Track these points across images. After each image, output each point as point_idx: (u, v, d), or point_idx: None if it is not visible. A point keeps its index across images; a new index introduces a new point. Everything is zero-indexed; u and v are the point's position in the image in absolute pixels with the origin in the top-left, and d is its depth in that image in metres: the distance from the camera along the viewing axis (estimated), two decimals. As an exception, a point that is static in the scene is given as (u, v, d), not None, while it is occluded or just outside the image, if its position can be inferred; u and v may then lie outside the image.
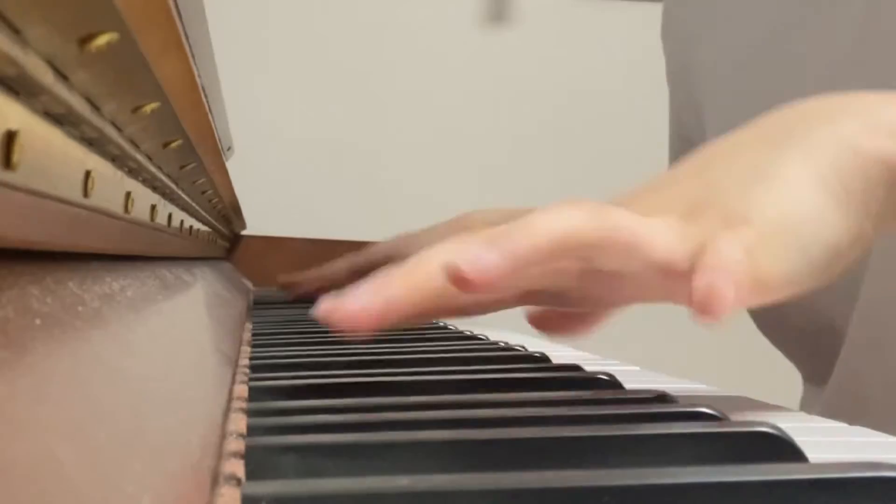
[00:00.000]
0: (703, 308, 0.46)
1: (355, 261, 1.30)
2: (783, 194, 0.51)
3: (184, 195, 0.88)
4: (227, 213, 1.45)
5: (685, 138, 1.11)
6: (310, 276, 1.38)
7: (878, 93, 0.54)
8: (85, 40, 0.36)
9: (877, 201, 0.52)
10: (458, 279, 0.46)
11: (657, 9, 2.54)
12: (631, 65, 2.57)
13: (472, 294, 0.48)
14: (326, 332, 0.90)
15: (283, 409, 0.48)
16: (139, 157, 0.59)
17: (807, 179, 0.51)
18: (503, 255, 0.47)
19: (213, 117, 0.84)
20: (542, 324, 0.59)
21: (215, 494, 0.32)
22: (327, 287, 1.23)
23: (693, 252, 0.49)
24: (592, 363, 0.78)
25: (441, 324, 0.97)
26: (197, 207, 1.03)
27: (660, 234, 0.49)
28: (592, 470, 0.37)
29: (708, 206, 0.51)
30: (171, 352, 0.50)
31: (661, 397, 0.51)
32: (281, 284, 1.43)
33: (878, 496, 0.33)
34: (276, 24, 2.46)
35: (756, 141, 0.55)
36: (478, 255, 0.46)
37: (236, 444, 0.38)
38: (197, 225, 1.10)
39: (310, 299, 1.36)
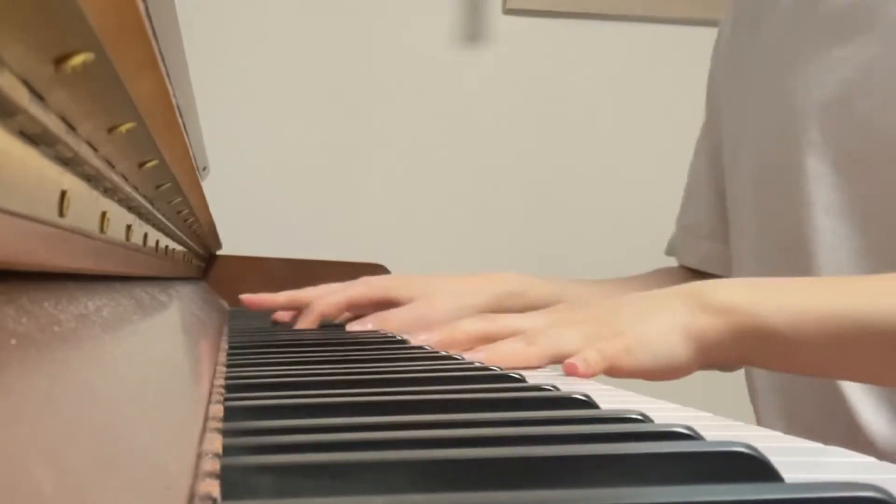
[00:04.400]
0: (568, 372, 0.87)
1: (350, 294, 1.29)
2: (651, 328, 0.92)
3: (159, 215, 0.88)
4: (203, 233, 1.44)
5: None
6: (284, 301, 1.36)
7: (718, 280, 0.96)
8: (60, 60, 0.36)
9: (708, 344, 0.91)
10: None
11: (631, 27, 2.56)
12: (606, 83, 2.58)
13: None
14: (301, 352, 0.90)
15: (259, 428, 0.47)
16: (115, 176, 0.59)
17: (667, 326, 0.92)
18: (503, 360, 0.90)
19: (188, 137, 0.84)
20: None
21: (191, 515, 0.32)
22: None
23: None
24: (568, 383, 0.78)
25: (417, 344, 0.97)
26: (172, 227, 1.03)
27: (568, 344, 0.91)
28: (568, 490, 0.37)
29: (613, 324, 0.93)
30: (146, 372, 0.50)
31: (637, 417, 0.51)
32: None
33: (853, 515, 0.33)
34: (251, 44, 2.46)
35: (651, 301, 0.95)
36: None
37: (212, 464, 0.37)
38: (172, 245, 1.10)
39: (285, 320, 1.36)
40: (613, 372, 0.91)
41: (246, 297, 1.33)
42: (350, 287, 1.29)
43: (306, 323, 1.24)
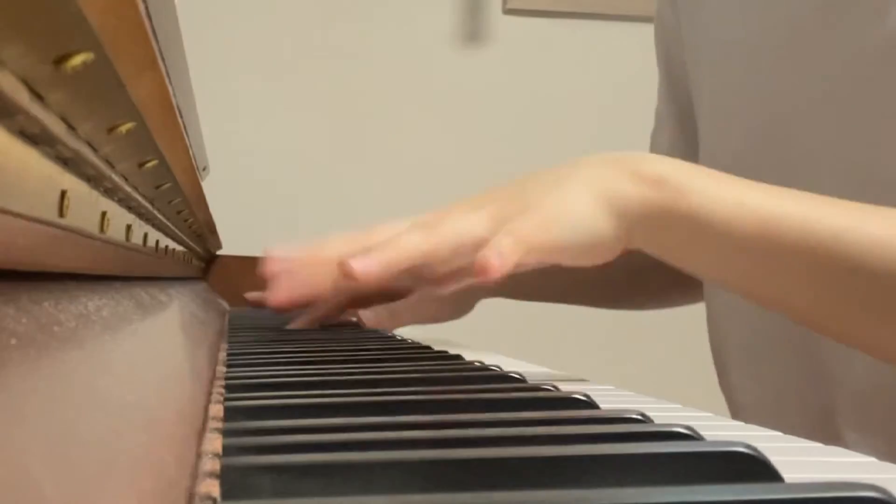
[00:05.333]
0: (479, 272, 0.75)
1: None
2: (565, 198, 0.81)
3: (159, 215, 0.88)
4: (203, 233, 1.44)
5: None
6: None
7: (644, 153, 0.85)
8: (60, 60, 0.36)
9: (632, 218, 0.80)
10: (346, 273, 0.80)
11: (631, 27, 2.56)
12: (606, 83, 2.58)
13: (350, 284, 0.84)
14: (301, 352, 0.90)
15: (259, 428, 0.47)
16: (115, 176, 0.59)
17: (585, 193, 0.80)
18: (381, 262, 0.80)
19: (188, 137, 0.84)
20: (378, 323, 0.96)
21: (191, 515, 0.32)
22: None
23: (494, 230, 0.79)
24: (568, 383, 0.78)
25: (418, 344, 0.97)
26: (172, 227, 1.03)
27: (473, 228, 0.81)
28: (568, 490, 0.37)
29: (519, 199, 0.82)
30: (146, 372, 0.50)
31: (637, 417, 0.51)
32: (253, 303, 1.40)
33: (853, 515, 0.33)
34: (251, 44, 2.46)
35: (563, 169, 0.84)
36: (363, 258, 0.80)
37: (212, 464, 0.37)
38: (172, 245, 1.10)
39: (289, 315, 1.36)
40: (530, 255, 0.79)
41: (251, 297, 1.33)
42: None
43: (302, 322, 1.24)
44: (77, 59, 0.37)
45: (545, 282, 1.07)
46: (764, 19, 1.07)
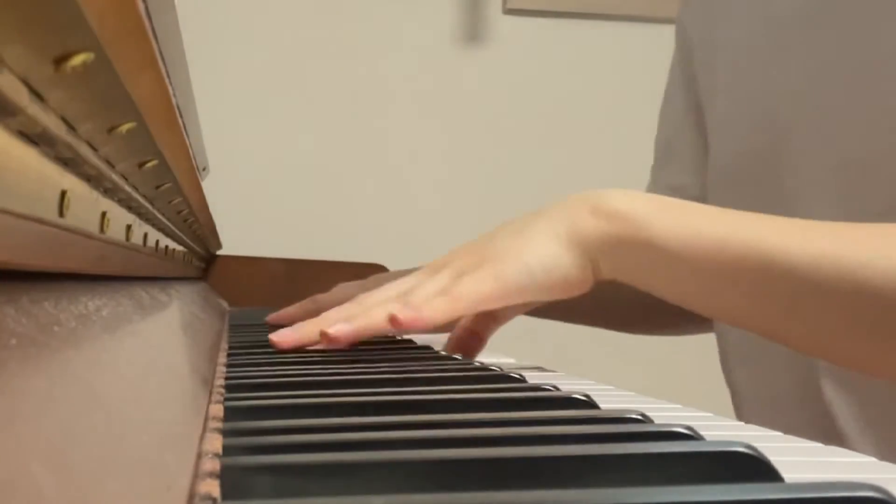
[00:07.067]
0: (392, 324, 0.84)
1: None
2: (525, 244, 0.86)
3: (159, 215, 0.88)
4: (203, 233, 1.44)
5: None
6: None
7: (617, 189, 0.88)
8: (60, 60, 0.36)
9: (595, 250, 0.85)
10: (325, 338, 0.88)
11: (631, 27, 2.56)
12: (606, 83, 2.58)
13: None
14: (301, 351, 0.90)
15: (259, 428, 0.47)
16: (115, 176, 0.59)
17: (546, 235, 0.86)
18: (355, 332, 0.87)
19: (188, 137, 0.84)
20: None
21: (191, 515, 0.32)
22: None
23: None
24: (568, 383, 0.78)
25: (418, 345, 0.97)
26: (172, 227, 1.03)
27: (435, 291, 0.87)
28: (568, 490, 0.37)
29: (478, 253, 0.88)
30: (146, 372, 0.50)
31: (637, 417, 0.51)
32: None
33: (853, 515, 0.33)
34: (251, 44, 2.46)
35: (528, 216, 0.90)
36: (339, 327, 0.87)
37: (212, 464, 0.37)
38: (172, 245, 1.10)
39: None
40: (484, 306, 0.87)
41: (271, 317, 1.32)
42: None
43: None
44: (77, 59, 0.37)
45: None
46: (766, 16, 1.10)
